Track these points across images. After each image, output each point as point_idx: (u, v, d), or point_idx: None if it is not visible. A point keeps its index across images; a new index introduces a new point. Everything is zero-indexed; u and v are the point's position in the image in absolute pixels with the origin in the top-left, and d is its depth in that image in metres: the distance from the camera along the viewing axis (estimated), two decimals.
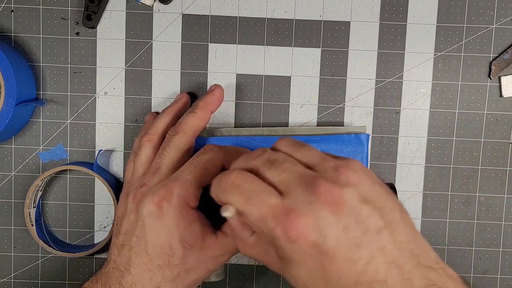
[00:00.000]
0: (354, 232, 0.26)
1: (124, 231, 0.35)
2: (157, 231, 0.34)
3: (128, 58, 0.44)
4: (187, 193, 0.34)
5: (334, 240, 0.25)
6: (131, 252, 0.34)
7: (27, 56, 0.44)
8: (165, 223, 0.34)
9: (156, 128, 0.40)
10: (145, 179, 0.36)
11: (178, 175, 0.35)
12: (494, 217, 0.45)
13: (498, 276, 0.46)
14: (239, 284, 0.46)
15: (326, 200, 0.26)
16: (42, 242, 0.43)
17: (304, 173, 0.27)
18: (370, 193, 0.27)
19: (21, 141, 0.45)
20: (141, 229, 0.34)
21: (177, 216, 0.34)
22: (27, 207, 0.43)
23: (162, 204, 0.34)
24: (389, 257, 0.26)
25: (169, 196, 0.34)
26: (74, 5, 0.44)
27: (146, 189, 0.35)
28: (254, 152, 0.30)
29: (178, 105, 0.42)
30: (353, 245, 0.26)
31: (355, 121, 0.45)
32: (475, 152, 0.45)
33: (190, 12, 0.44)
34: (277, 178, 0.28)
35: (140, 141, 0.39)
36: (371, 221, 0.26)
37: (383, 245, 0.26)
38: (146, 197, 0.34)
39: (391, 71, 0.44)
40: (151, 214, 0.34)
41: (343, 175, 0.27)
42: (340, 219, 0.26)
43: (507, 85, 0.44)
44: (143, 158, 0.38)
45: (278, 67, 0.44)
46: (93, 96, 0.45)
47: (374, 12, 0.44)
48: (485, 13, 0.44)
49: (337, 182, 0.27)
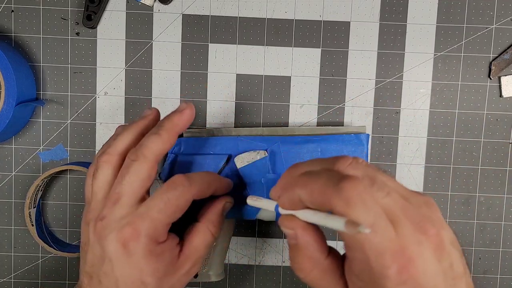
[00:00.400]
0: (449, 278, 0.25)
1: (91, 263, 0.33)
2: (126, 270, 0.32)
3: (128, 58, 0.44)
4: (155, 231, 0.32)
5: (434, 285, 0.25)
6: (101, 285, 0.32)
7: (27, 56, 0.44)
8: (133, 262, 0.32)
9: (115, 148, 0.35)
10: (104, 211, 0.33)
11: (145, 212, 0.32)
12: (494, 217, 0.45)
13: (498, 276, 0.46)
14: (239, 284, 0.46)
15: (434, 243, 0.25)
16: (42, 242, 0.43)
17: (406, 206, 0.26)
18: (453, 237, 0.27)
19: (21, 141, 0.45)
20: (109, 267, 0.32)
21: (145, 254, 0.32)
22: (27, 207, 0.43)
23: (128, 244, 0.31)
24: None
25: (136, 236, 0.31)
26: (74, 5, 0.44)
27: (106, 223, 0.32)
28: (341, 159, 0.27)
29: (144, 121, 0.36)
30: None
31: (355, 121, 0.45)
32: (475, 152, 0.45)
33: (190, 12, 0.44)
34: (382, 201, 0.25)
35: (98, 161, 0.35)
36: (457, 266, 0.26)
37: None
38: (109, 233, 0.32)
39: (391, 71, 0.44)
40: (118, 253, 0.32)
41: (436, 214, 0.26)
42: (442, 264, 0.25)
43: (507, 85, 0.44)
44: (100, 181, 0.34)
45: (278, 67, 0.44)
46: (93, 96, 0.45)
47: (374, 12, 0.44)
48: (485, 13, 0.44)
49: (434, 222, 0.26)
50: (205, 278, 0.40)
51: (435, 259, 0.25)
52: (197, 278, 0.40)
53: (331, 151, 0.41)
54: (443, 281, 0.25)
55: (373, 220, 0.24)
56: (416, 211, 0.26)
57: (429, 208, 0.26)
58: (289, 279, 0.46)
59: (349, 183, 0.25)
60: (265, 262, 0.46)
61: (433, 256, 0.25)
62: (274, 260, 0.46)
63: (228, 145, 0.41)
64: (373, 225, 0.24)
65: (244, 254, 0.46)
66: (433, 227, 0.25)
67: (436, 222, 0.26)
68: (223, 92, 0.45)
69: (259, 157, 0.40)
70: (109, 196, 0.33)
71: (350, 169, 0.27)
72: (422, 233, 0.25)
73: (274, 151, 0.41)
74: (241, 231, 0.46)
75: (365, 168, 0.27)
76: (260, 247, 0.46)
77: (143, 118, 0.37)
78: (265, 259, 0.46)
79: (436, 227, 0.25)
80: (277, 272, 0.46)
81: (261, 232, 0.46)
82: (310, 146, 0.41)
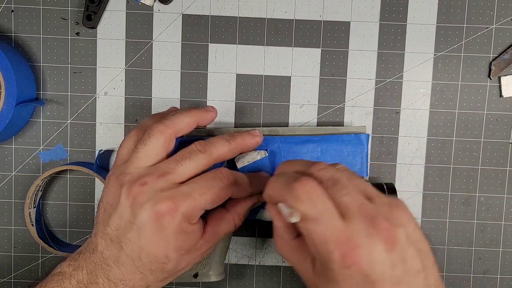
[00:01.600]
0: (398, 270, 0.28)
1: (115, 226, 0.33)
2: (154, 242, 0.33)
3: (128, 58, 0.44)
4: (192, 212, 0.33)
5: (381, 274, 0.28)
6: (122, 252, 0.33)
7: (27, 56, 0.44)
8: (164, 236, 0.33)
9: (174, 123, 0.36)
10: (148, 178, 0.33)
11: (188, 192, 0.33)
12: (494, 217, 0.45)
13: (498, 276, 0.46)
14: (239, 284, 0.46)
15: (383, 237, 0.28)
16: (42, 242, 0.43)
17: (365, 204, 0.29)
18: (414, 235, 0.29)
19: (21, 141, 0.45)
20: (136, 235, 0.33)
21: (177, 231, 0.33)
22: (27, 207, 0.43)
23: (164, 217, 0.32)
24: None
25: (174, 211, 0.32)
26: (74, 5, 0.44)
27: (146, 190, 0.33)
28: (316, 164, 0.31)
29: (205, 114, 0.39)
30: (395, 282, 0.28)
31: (355, 121, 0.45)
32: (475, 152, 0.45)
33: (190, 12, 0.44)
34: (340, 199, 0.29)
35: (152, 128, 0.35)
36: (412, 262, 0.28)
37: (418, 286, 0.28)
38: (147, 202, 0.33)
39: (391, 71, 0.44)
40: (150, 223, 0.32)
41: (396, 214, 0.29)
42: (391, 256, 0.28)
43: (507, 85, 0.44)
44: (150, 149, 0.35)
45: (278, 67, 0.44)
46: (93, 96, 0.45)
47: (374, 12, 0.44)
48: (485, 13, 0.44)
49: (391, 220, 0.29)
50: (205, 278, 0.40)
51: (383, 251, 0.28)
52: (197, 278, 0.40)
53: (331, 151, 0.41)
54: (389, 271, 0.28)
55: (317, 213, 0.28)
56: (374, 209, 0.29)
57: (390, 208, 0.29)
58: (289, 279, 0.46)
59: (300, 183, 0.29)
60: (265, 262, 0.46)
61: (382, 248, 0.28)
62: (274, 260, 0.46)
63: None
64: (317, 217, 0.28)
65: (244, 254, 0.46)
66: (386, 223, 0.28)
67: (394, 219, 0.29)
68: (223, 92, 0.45)
69: (259, 157, 0.40)
70: (159, 167, 0.34)
71: (319, 172, 0.31)
72: (374, 227, 0.28)
73: (274, 151, 0.41)
74: (241, 231, 0.46)
75: (335, 172, 0.31)
76: (260, 247, 0.46)
77: (206, 111, 0.39)
78: (265, 259, 0.46)
79: (391, 223, 0.28)
80: (277, 272, 0.46)
81: (261, 232, 0.46)
82: (310, 146, 0.41)
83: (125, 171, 0.35)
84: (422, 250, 0.29)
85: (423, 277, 0.29)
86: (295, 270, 0.33)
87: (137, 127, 0.37)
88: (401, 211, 0.30)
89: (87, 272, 0.33)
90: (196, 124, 0.38)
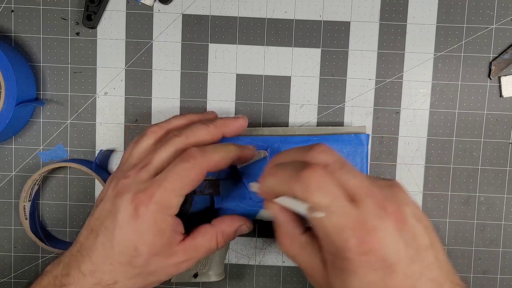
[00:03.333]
0: (411, 249, 0.28)
1: (97, 216, 0.34)
2: (126, 230, 0.33)
3: (128, 58, 0.44)
4: (167, 201, 0.33)
5: (397, 256, 0.27)
6: (97, 240, 0.33)
7: (27, 56, 0.44)
8: (136, 226, 0.33)
9: (167, 124, 0.38)
10: (131, 171, 0.35)
11: (159, 181, 0.33)
12: (494, 217, 0.45)
13: (498, 276, 0.46)
14: (239, 284, 0.46)
15: (394, 218, 0.28)
16: (33, 236, 0.43)
17: (371, 186, 0.29)
18: (418, 212, 0.29)
19: (21, 141, 0.45)
20: (112, 222, 0.33)
21: (150, 222, 0.33)
22: (23, 200, 0.43)
23: (139, 207, 0.33)
24: (433, 274, 0.28)
25: (148, 201, 0.33)
26: (74, 5, 0.44)
27: (127, 183, 0.34)
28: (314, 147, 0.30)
29: (201, 116, 0.40)
30: (410, 261, 0.27)
31: (355, 121, 0.45)
32: (475, 152, 0.45)
33: (190, 12, 0.44)
34: (347, 182, 0.28)
35: (146, 130, 0.37)
36: (422, 239, 0.28)
37: (430, 263, 0.28)
38: (126, 193, 0.33)
39: (391, 71, 0.44)
40: (126, 212, 0.33)
41: (400, 194, 0.29)
42: (403, 236, 0.28)
43: (507, 85, 0.44)
44: (141, 147, 0.36)
45: (278, 67, 0.44)
46: (93, 96, 0.45)
47: (374, 12, 0.44)
48: (485, 13, 0.44)
49: (397, 199, 0.29)
50: (205, 278, 0.40)
51: (396, 231, 0.27)
52: (197, 278, 0.40)
53: None
54: (404, 250, 0.27)
55: (329, 202, 0.27)
56: (379, 191, 0.29)
57: (391, 189, 0.29)
58: (289, 279, 0.46)
59: (308, 172, 0.28)
60: (265, 262, 0.46)
61: (394, 229, 0.27)
62: (274, 260, 0.46)
63: None
64: (329, 206, 0.27)
65: (244, 254, 0.46)
66: (394, 204, 0.28)
67: (398, 199, 0.29)
68: (223, 92, 0.45)
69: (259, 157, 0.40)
70: (141, 161, 0.35)
71: (321, 155, 0.29)
72: (383, 209, 0.28)
73: (274, 151, 0.41)
74: None
75: (338, 154, 0.30)
76: (260, 247, 0.46)
77: (202, 114, 0.40)
78: (265, 259, 0.46)
79: (397, 204, 0.28)
80: (277, 272, 0.46)
81: (261, 232, 0.46)
82: None
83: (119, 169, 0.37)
84: (428, 227, 0.29)
85: (433, 253, 0.28)
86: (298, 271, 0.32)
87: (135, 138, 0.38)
88: (402, 191, 0.30)
89: (63, 265, 0.34)
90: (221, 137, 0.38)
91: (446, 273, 0.29)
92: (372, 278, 0.27)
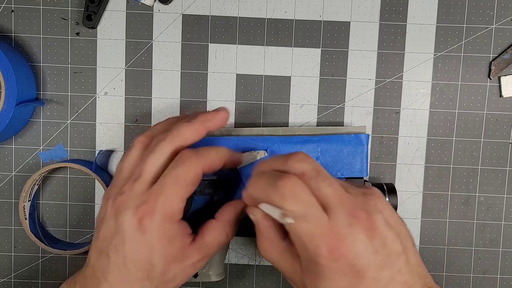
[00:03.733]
0: (382, 255, 0.29)
1: (103, 237, 0.33)
2: (137, 247, 0.32)
3: (128, 58, 0.44)
4: (170, 208, 0.33)
5: (366, 262, 0.29)
6: (109, 262, 0.33)
7: (27, 56, 0.44)
8: (146, 240, 0.32)
9: (153, 131, 0.37)
10: (125, 187, 0.34)
11: (159, 189, 0.33)
12: (494, 217, 0.45)
13: (498, 276, 0.46)
14: (239, 284, 0.46)
15: (364, 226, 0.29)
16: (33, 236, 0.43)
17: (344, 195, 0.30)
18: (391, 219, 0.31)
19: (21, 141, 0.45)
20: (120, 241, 0.32)
21: (158, 233, 0.32)
22: (22, 200, 0.43)
23: (143, 220, 0.32)
24: (404, 278, 0.30)
25: (152, 212, 0.32)
26: (74, 5, 0.44)
27: (125, 198, 0.33)
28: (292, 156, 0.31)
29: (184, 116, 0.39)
30: (379, 267, 0.29)
31: (355, 121, 0.45)
32: (475, 152, 0.45)
33: (190, 12, 0.44)
34: (321, 191, 0.30)
35: (134, 141, 0.36)
36: (393, 245, 0.30)
37: (400, 268, 0.30)
38: (126, 208, 0.33)
39: (391, 71, 0.44)
40: (132, 228, 0.32)
41: (372, 202, 0.31)
42: (373, 243, 0.29)
43: (506, 85, 0.44)
44: (130, 159, 0.35)
45: (278, 67, 0.44)
46: (93, 96, 0.45)
47: (374, 12, 0.44)
48: (485, 13, 0.44)
49: (368, 208, 0.30)
50: (205, 278, 0.40)
51: (366, 238, 0.29)
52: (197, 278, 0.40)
53: (331, 151, 0.41)
54: (374, 257, 0.29)
55: (303, 210, 0.29)
56: (352, 199, 0.30)
57: (365, 197, 0.31)
58: None
59: (283, 181, 0.30)
60: (265, 262, 0.46)
61: (364, 236, 0.29)
62: None
63: (228, 145, 0.41)
64: (304, 215, 0.29)
65: (244, 254, 0.46)
66: (364, 212, 0.29)
67: (370, 208, 0.30)
68: (223, 92, 0.45)
69: (258, 157, 0.40)
70: (133, 174, 0.34)
71: (298, 164, 0.31)
72: (354, 217, 0.29)
73: (274, 151, 0.41)
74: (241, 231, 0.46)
75: (314, 162, 0.31)
76: None
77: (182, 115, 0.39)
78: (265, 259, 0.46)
79: (368, 212, 0.30)
80: (277, 272, 0.46)
81: None
82: (310, 146, 0.41)
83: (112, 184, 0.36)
84: (400, 233, 0.31)
85: (404, 258, 0.30)
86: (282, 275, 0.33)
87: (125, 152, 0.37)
88: (376, 198, 0.31)
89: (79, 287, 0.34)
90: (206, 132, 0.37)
91: (417, 276, 0.31)
92: (343, 283, 0.29)
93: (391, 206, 0.32)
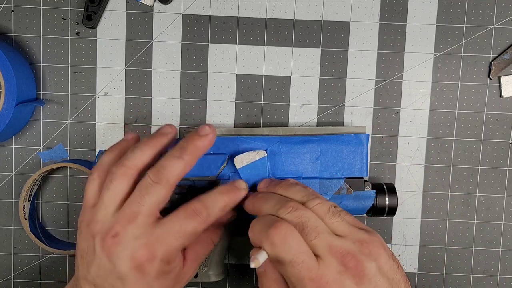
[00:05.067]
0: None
1: (95, 273, 0.33)
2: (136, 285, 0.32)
3: (128, 58, 0.44)
4: (170, 255, 0.33)
5: None
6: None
7: (27, 56, 0.44)
8: (145, 281, 0.32)
9: (134, 162, 0.34)
10: (117, 227, 0.32)
11: (162, 236, 0.32)
12: (494, 217, 0.45)
13: (498, 276, 0.46)
14: (239, 284, 0.46)
15: (352, 273, 0.31)
16: (33, 236, 0.43)
17: (333, 244, 0.32)
18: (385, 266, 0.32)
19: (21, 141, 0.45)
20: (119, 283, 0.32)
21: (158, 274, 0.33)
22: (22, 200, 0.43)
23: (143, 265, 0.32)
24: None
25: (152, 259, 0.32)
26: (74, 5, 0.44)
27: (119, 241, 0.32)
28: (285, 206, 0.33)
29: (164, 139, 0.36)
30: None
31: (355, 121, 0.45)
32: (475, 152, 0.45)
33: (190, 12, 0.44)
34: (310, 242, 0.32)
35: (113, 171, 0.33)
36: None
37: None
38: (123, 251, 0.32)
39: (391, 71, 0.44)
40: (131, 272, 0.32)
41: (367, 250, 0.32)
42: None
43: (506, 85, 0.44)
44: (114, 193, 0.33)
45: (278, 67, 0.44)
46: (93, 96, 0.45)
47: (374, 12, 0.44)
48: (485, 13, 0.44)
49: (361, 255, 0.31)
50: (205, 278, 0.40)
51: (354, 285, 0.30)
52: (197, 278, 0.40)
53: (331, 151, 0.41)
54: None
55: (292, 257, 0.31)
56: (344, 246, 0.31)
57: (361, 244, 0.32)
58: None
59: (275, 230, 0.31)
60: None
61: (352, 283, 0.30)
62: None
63: (228, 145, 0.41)
64: (292, 261, 0.31)
65: (244, 254, 0.46)
66: (354, 260, 0.31)
67: (365, 255, 0.31)
68: (223, 92, 0.45)
69: (258, 157, 0.40)
70: (124, 213, 0.33)
71: (288, 215, 0.33)
72: (343, 265, 0.31)
73: (274, 151, 0.41)
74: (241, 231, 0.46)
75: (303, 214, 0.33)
76: None
77: (163, 135, 0.36)
78: None
79: (358, 260, 0.31)
80: None
81: None
82: (310, 146, 0.41)
83: (95, 218, 0.33)
84: (394, 279, 0.32)
85: None
86: None
87: (96, 169, 0.35)
88: (372, 246, 0.32)
89: None
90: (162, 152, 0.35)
91: None
92: None
93: (390, 252, 0.33)
